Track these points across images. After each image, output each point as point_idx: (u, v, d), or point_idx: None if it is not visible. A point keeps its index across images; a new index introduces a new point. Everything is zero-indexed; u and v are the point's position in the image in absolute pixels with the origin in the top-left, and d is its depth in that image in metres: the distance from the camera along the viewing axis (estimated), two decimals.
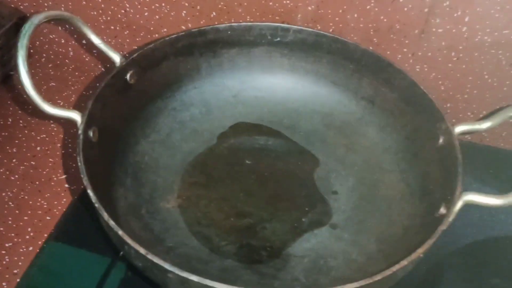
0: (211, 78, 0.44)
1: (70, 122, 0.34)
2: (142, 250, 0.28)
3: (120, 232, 0.28)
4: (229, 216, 0.39)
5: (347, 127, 0.43)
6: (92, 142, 0.34)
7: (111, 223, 0.29)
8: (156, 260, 0.27)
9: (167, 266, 0.27)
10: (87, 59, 0.59)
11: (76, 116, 0.33)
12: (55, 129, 0.51)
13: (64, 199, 0.45)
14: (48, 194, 0.46)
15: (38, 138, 0.50)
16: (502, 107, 0.34)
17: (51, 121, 0.52)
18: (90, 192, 0.30)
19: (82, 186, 0.40)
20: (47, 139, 0.51)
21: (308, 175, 0.42)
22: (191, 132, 0.43)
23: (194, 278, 0.27)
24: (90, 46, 0.54)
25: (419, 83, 0.40)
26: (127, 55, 0.39)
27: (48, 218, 0.44)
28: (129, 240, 0.28)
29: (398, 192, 0.39)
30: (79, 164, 0.31)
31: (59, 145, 0.50)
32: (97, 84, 0.36)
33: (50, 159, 0.49)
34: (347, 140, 0.43)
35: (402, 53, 0.50)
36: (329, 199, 0.40)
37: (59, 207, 0.44)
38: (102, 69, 0.57)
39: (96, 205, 0.29)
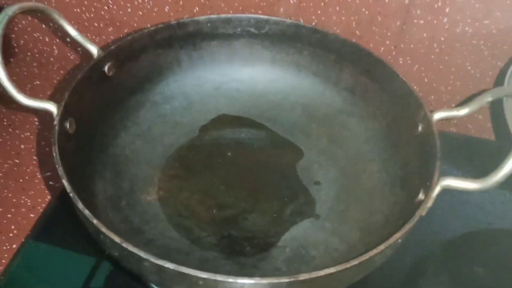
0: (192, 71, 0.44)
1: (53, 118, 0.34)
2: (117, 239, 0.27)
3: (95, 221, 0.28)
4: (210, 207, 0.38)
5: (328, 118, 0.43)
6: (68, 134, 0.34)
7: (86, 212, 0.28)
8: (131, 248, 0.27)
9: (142, 254, 0.27)
10: (72, 57, 0.59)
11: (52, 107, 0.33)
12: (39, 127, 0.51)
13: (48, 197, 0.45)
14: (32, 192, 0.45)
15: (22, 136, 0.50)
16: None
17: (36, 119, 0.52)
18: (64, 181, 0.29)
19: None
20: (31, 137, 0.51)
21: (290, 166, 0.42)
22: (172, 125, 0.43)
23: (169, 265, 0.27)
24: (73, 43, 0.54)
25: (401, 75, 0.40)
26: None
27: (32, 215, 0.43)
28: (103, 229, 0.28)
29: (379, 181, 0.38)
30: (54, 154, 0.31)
31: (43, 142, 0.50)
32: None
33: (34, 157, 0.48)
34: (329, 131, 0.43)
35: (384, 45, 0.50)
36: (311, 190, 0.40)
37: (43, 205, 0.44)
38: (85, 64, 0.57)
39: (71, 194, 0.29)
